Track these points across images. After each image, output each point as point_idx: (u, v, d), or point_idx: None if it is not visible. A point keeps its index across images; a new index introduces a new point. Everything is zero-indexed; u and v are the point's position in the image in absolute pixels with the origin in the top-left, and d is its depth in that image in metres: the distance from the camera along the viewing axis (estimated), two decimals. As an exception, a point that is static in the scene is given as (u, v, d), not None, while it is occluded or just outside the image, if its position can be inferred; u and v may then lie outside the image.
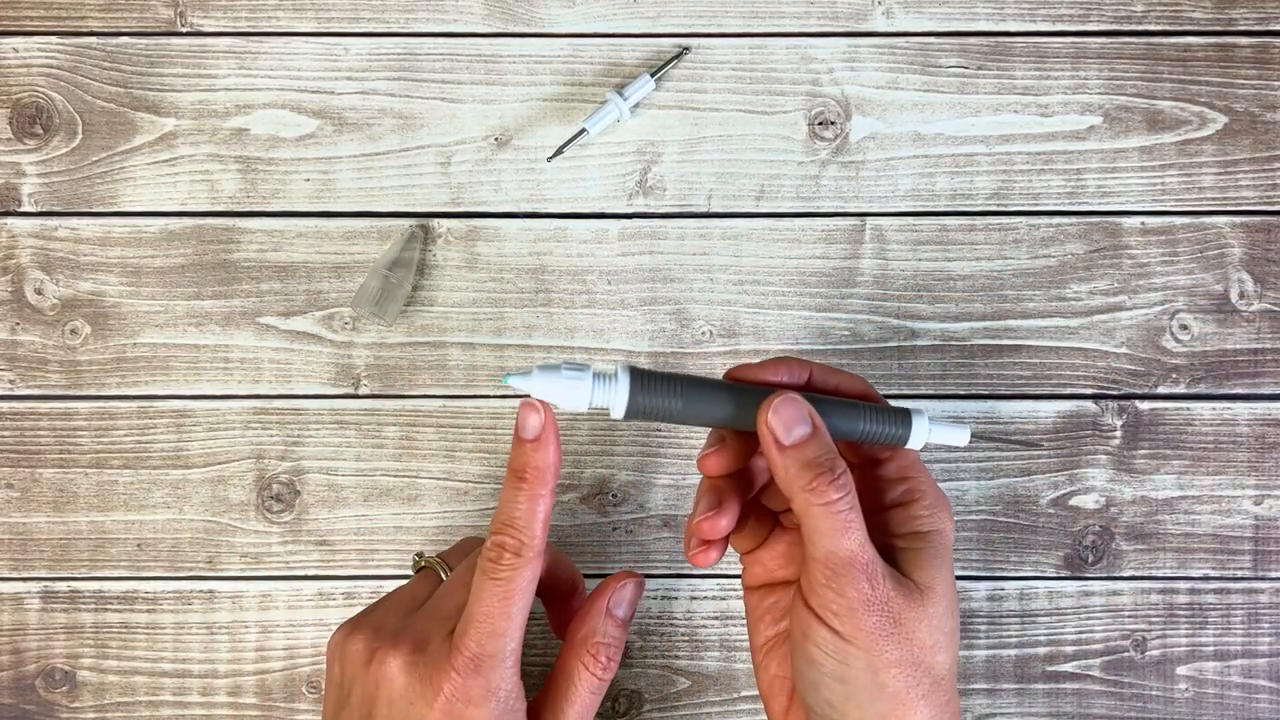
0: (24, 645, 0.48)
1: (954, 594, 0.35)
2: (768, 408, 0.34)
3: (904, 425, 0.36)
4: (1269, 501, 0.48)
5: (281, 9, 0.48)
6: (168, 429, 0.48)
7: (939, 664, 0.34)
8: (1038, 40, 0.48)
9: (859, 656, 0.33)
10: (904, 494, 0.36)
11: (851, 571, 0.33)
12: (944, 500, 0.37)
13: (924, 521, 0.36)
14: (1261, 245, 0.48)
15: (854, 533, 0.33)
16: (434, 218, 0.48)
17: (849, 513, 0.33)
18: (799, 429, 0.34)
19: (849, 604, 0.33)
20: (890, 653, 0.33)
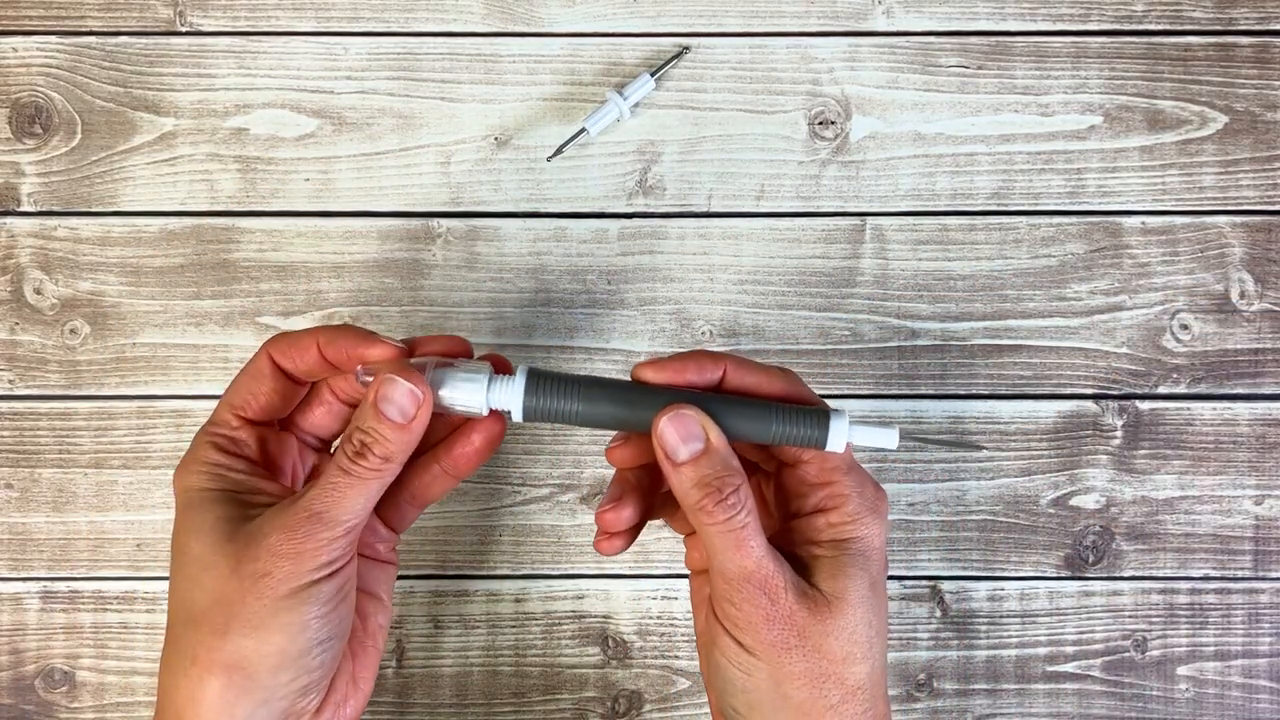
0: (23, 645, 0.48)
1: (873, 602, 0.34)
2: (659, 422, 0.33)
3: (821, 427, 0.34)
4: (1269, 501, 0.48)
5: (281, 8, 0.48)
6: (167, 429, 0.48)
7: (853, 675, 0.34)
8: (1038, 40, 0.48)
9: (761, 668, 0.33)
10: (824, 500, 0.35)
11: (748, 587, 0.33)
12: (873, 505, 0.35)
13: (841, 529, 0.35)
14: (1262, 245, 0.48)
15: (749, 549, 0.33)
16: (434, 217, 0.48)
17: (740, 531, 0.33)
18: (690, 445, 0.33)
19: (749, 618, 0.33)
20: (794, 665, 0.33)
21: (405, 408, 0.34)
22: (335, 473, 0.34)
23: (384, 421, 0.34)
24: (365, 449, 0.34)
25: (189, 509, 0.35)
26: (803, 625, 0.33)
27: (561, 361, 0.48)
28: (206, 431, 0.37)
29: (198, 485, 0.35)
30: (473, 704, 0.48)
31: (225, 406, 0.37)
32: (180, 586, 0.35)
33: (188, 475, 0.36)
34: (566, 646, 0.48)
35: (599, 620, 0.48)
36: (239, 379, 0.37)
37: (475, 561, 0.48)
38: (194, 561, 0.34)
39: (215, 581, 0.34)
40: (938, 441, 0.42)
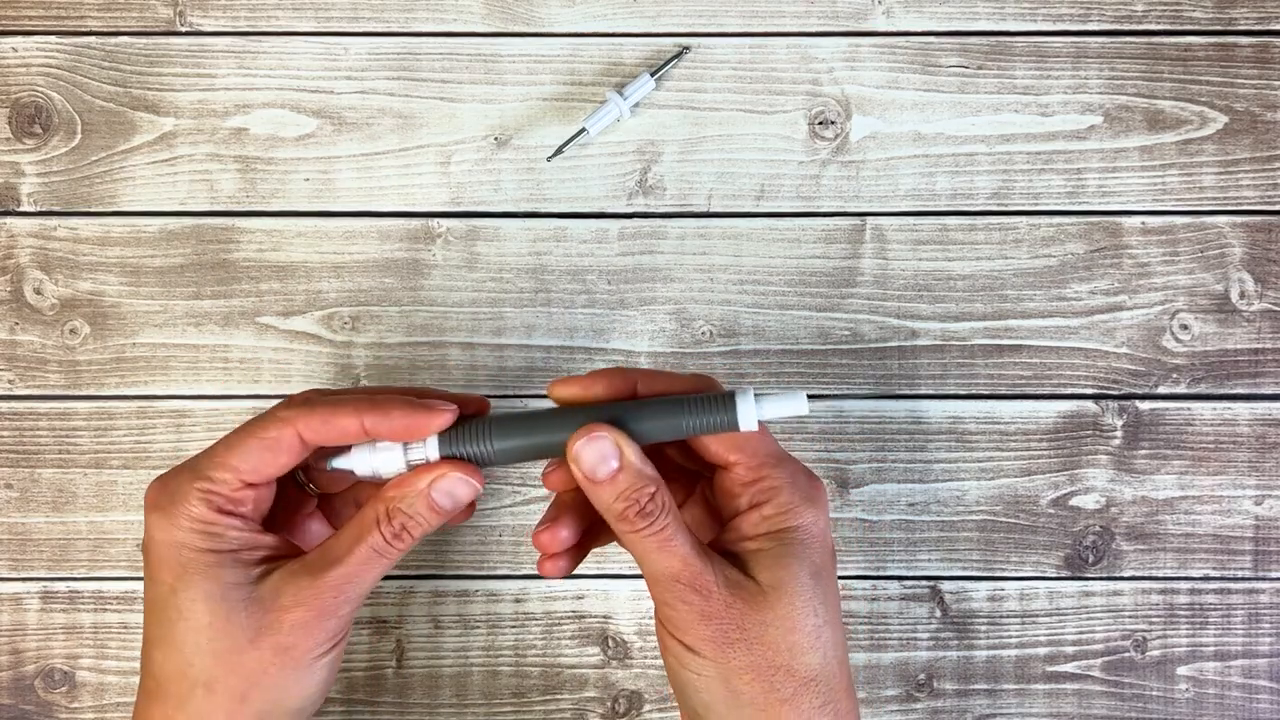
0: (23, 645, 0.48)
1: (816, 590, 0.34)
2: (573, 446, 0.33)
3: (728, 409, 0.34)
4: (1269, 501, 0.48)
5: (281, 8, 0.48)
6: (167, 429, 0.48)
7: (802, 665, 0.33)
8: (1038, 40, 0.48)
9: (708, 666, 0.33)
10: (756, 494, 0.35)
11: (678, 587, 0.33)
12: (806, 494, 0.35)
13: (775, 520, 0.35)
14: (1262, 245, 0.48)
15: (672, 549, 0.33)
16: (434, 217, 0.48)
17: (661, 533, 0.33)
18: (606, 465, 0.33)
19: (685, 618, 0.33)
20: (738, 659, 0.33)
21: (460, 500, 0.35)
22: (367, 552, 0.34)
23: (435, 510, 0.35)
24: (405, 532, 0.35)
25: (187, 572, 0.34)
26: (740, 618, 0.33)
27: (561, 361, 0.48)
28: (200, 487, 0.34)
29: (194, 545, 0.34)
30: (473, 704, 0.48)
31: (227, 467, 0.35)
32: (183, 652, 0.34)
33: (177, 530, 0.34)
34: (566, 646, 0.48)
35: (599, 620, 0.48)
36: (249, 444, 0.35)
37: (475, 561, 0.48)
38: (202, 630, 0.33)
39: (232, 653, 0.33)
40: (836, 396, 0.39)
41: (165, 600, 0.34)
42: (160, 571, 0.34)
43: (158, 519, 0.34)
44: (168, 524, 0.34)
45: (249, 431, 0.35)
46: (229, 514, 0.35)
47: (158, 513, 0.34)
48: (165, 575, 0.34)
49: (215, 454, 0.35)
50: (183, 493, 0.34)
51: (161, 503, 0.35)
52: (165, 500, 0.34)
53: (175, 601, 0.34)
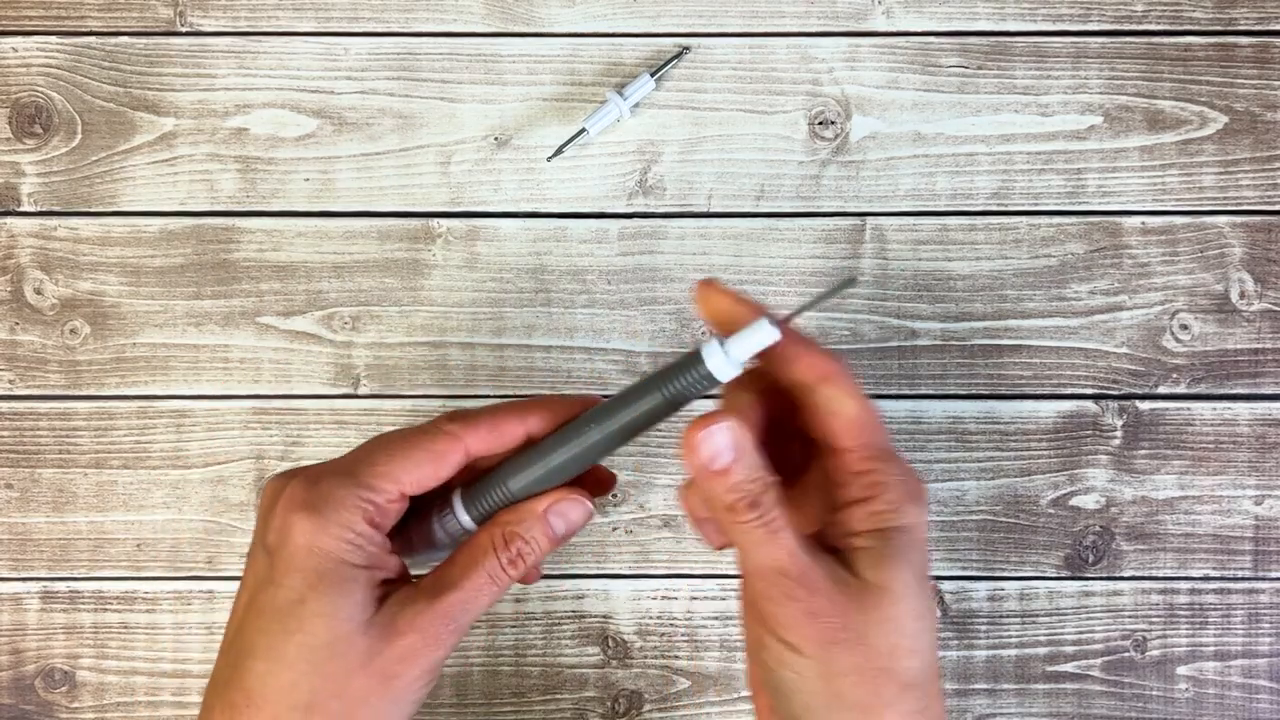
0: (23, 645, 0.48)
1: (919, 594, 0.33)
2: (691, 437, 0.33)
3: (698, 364, 0.33)
4: (1269, 501, 0.48)
5: (281, 9, 0.48)
6: (167, 429, 0.48)
7: (906, 668, 0.32)
8: (1038, 40, 0.48)
9: (810, 666, 0.32)
10: (865, 488, 0.34)
11: (783, 583, 0.32)
12: (912, 493, 0.34)
13: (883, 518, 0.33)
14: (1262, 245, 0.48)
15: (779, 543, 0.32)
16: (434, 217, 0.48)
17: (766, 527, 0.32)
18: (721, 459, 0.32)
19: (788, 615, 0.32)
20: (842, 660, 0.32)
21: (575, 524, 0.35)
22: (483, 578, 0.34)
23: (550, 536, 0.35)
24: (520, 557, 0.34)
25: (323, 583, 0.32)
26: (845, 616, 0.32)
27: (561, 361, 0.48)
28: (362, 495, 0.33)
29: (339, 556, 0.32)
30: (473, 704, 0.48)
31: (390, 478, 0.33)
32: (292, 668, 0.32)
33: (327, 537, 0.32)
34: (566, 646, 0.48)
35: (599, 620, 0.48)
36: (416, 455, 0.34)
37: (475, 561, 0.48)
38: (320, 648, 0.32)
39: (341, 674, 0.32)
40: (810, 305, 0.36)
41: (287, 609, 0.32)
42: (289, 576, 0.32)
43: (304, 520, 0.32)
44: (316, 528, 0.32)
45: (414, 442, 0.34)
46: (376, 527, 0.33)
47: (306, 513, 0.32)
48: (294, 581, 0.32)
49: (375, 461, 0.34)
50: (339, 498, 0.33)
51: (314, 503, 0.33)
52: (318, 501, 0.33)
53: (299, 613, 0.32)
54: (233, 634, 0.34)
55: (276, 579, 0.33)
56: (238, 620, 0.34)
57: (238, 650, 0.33)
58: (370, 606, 0.33)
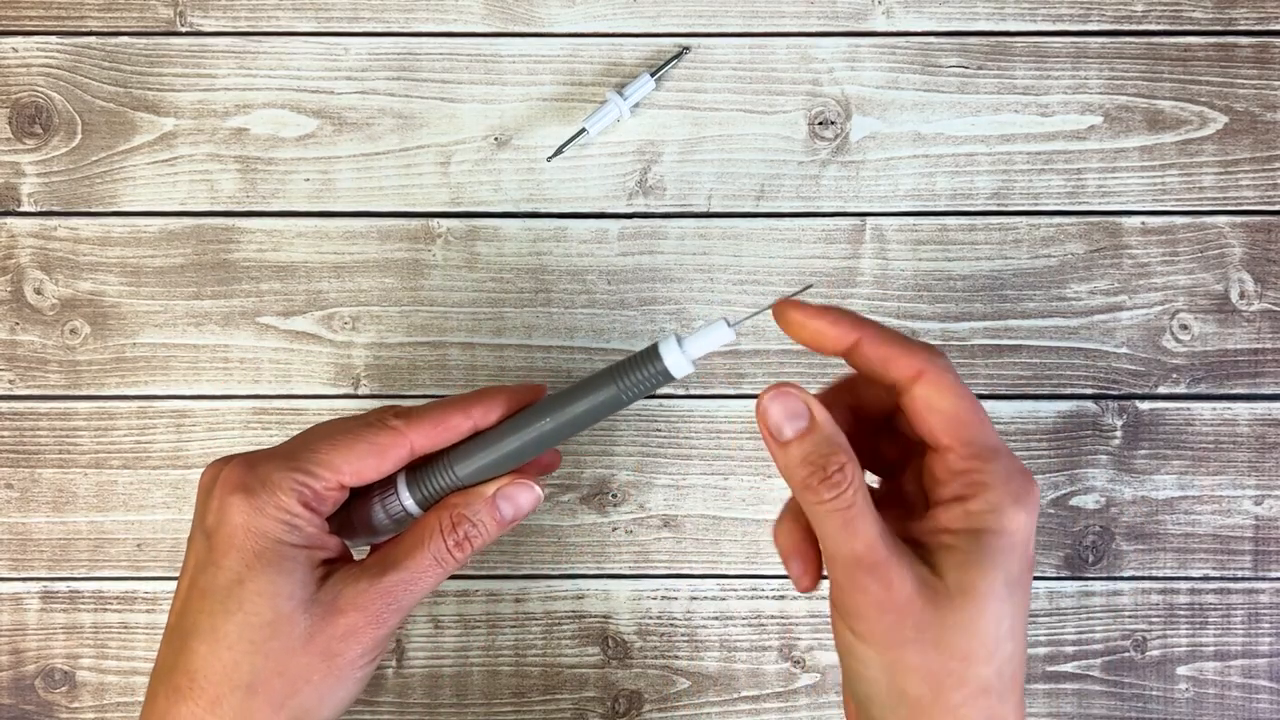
0: (23, 645, 0.48)
1: (1007, 600, 0.31)
2: (763, 399, 0.32)
3: (654, 358, 0.33)
4: (1269, 501, 0.48)
5: (281, 9, 0.48)
6: (167, 429, 0.48)
7: (976, 676, 0.31)
8: (1038, 40, 0.48)
9: (875, 660, 0.31)
10: (963, 487, 0.32)
11: (858, 573, 0.31)
12: (1016, 494, 0.32)
13: (978, 519, 0.32)
14: (1262, 245, 0.48)
15: (856, 531, 0.31)
16: (434, 218, 0.48)
17: (847, 510, 0.31)
18: (794, 423, 0.31)
19: (860, 605, 0.31)
20: (910, 659, 0.31)
21: (523, 508, 0.35)
22: (428, 560, 0.34)
23: (498, 520, 0.35)
24: (467, 540, 0.35)
25: (260, 562, 0.32)
26: (920, 616, 0.31)
27: (561, 361, 0.48)
28: (297, 478, 0.33)
29: (275, 535, 0.33)
30: (472, 704, 0.48)
31: (329, 465, 0.34)
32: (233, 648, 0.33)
33: (262, 517, 0.33)
34: (566, 646, 0.48)
35: (599, 620, 0.48)
36: (359, 446, 0.34)
37: (475, 561, 0.48)
38: (261, 628, 0.32)
39: (283, 652, 0.32)
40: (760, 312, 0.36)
41: (227, 590, 0.33)
42: (227, 557, 0.33)
43: (241, 501, 0.33)
44: (252, 508, 0.33)
45: (357, 434, 0.34)
46: (313, 510, 0.34)
47: (242, 494, 0.33)
48: (232, 561, 0.33)
49: (316, 449, 0.34)
50: (275, 480, 0.33)
51: (251, 485, 0.33)
52: (255, 484, 0.33)
53: (239, 593, 0.33)
54: (175, 618, 0.34)
55: (216, 560, 0.33)
56: (179, 604, 0.34)
57: (180, 634, 0.33)
58: (311, 585, 0.33)
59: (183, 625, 0.33)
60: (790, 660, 0.48)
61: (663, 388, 0.35)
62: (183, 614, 0.34)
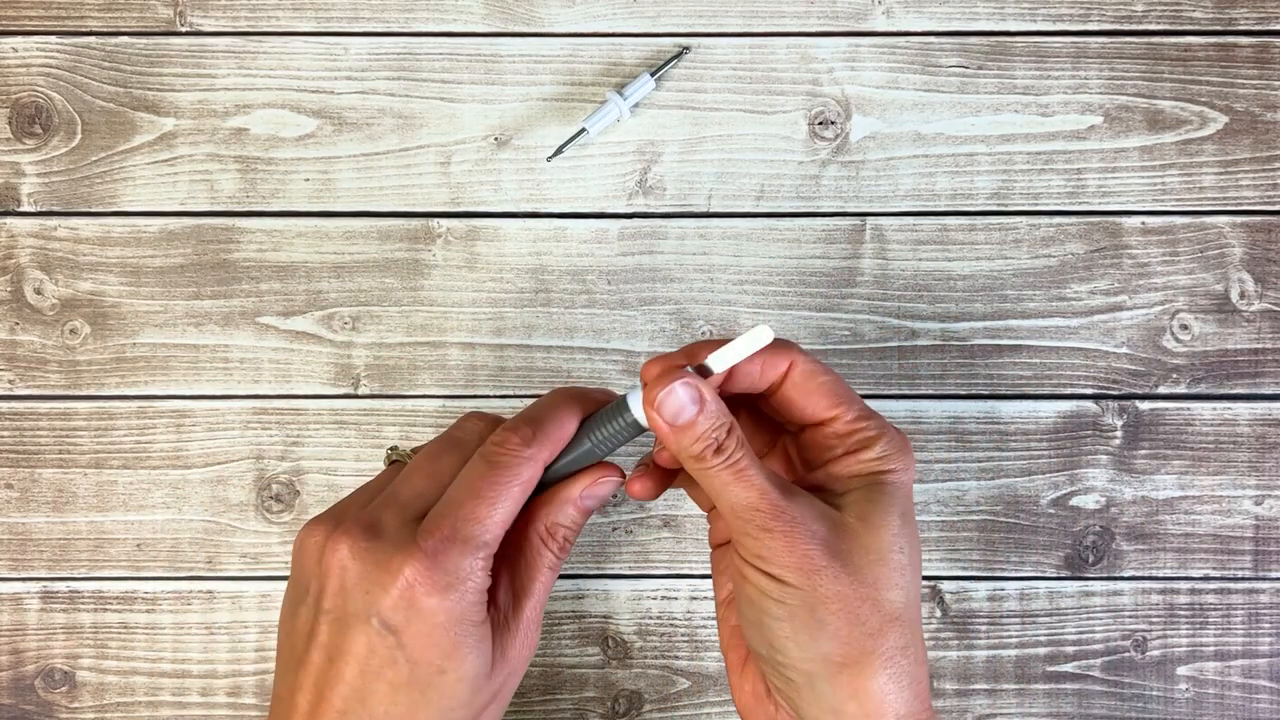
0: (23, 645, 0.48)
1: (904, 530, 0.34)
2: (654, 397, 0.34)
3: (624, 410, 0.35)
4: (1269, 501, 0.48)
5: (281, 9, 0.48)
6: (167, 429, 0.48)
7: (888, 600, 0.33)
8: (1038, 40, 0.48)
9: (793, 594, 0.33)
10: (854, 444, 0.35)
11: (760, 516, 0.33)
12: (901, 446, 0.35)
13: (870, 464, 0.35)
14: (1262, 245, 0.48)
15: (749, 482, 0.33)
16: (434, 218, 0.48)
17: (737, 464, 0.33)
18: (685, 413, 0.33)
19: (767, 547, 0.33)
20: (825, 587, 0.33)
21: (605, 498, 0.37)
22: (546, 573, 0.36)
23: (585, 512, 0.37)
24: (567, 542, 0.36)
25: (460, 650, 0.33)
26: (828, 544, 0.33)
27: (561, 361, 0.48)
28: (478, 557, 0.34)
29: (473, 618, 0.33)
30: (473, 704, 0.48)
31: (493, 526, 0.34)
32: None
33: (464, 606, 0.33)
34: (566, 646, 0.48)
35: (599, 620, 0.48)
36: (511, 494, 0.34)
37: (475, 561, 0.48)
38: (459, 707, 0.34)
39: (470, 712, 0.34)
40: None
41: (428, 680, 0.33)
42: (427, 653, 0.33)
43: (442, 601, 0.33)
44: (454, 604, 0.33)
45: (505, 481, 0.34)
46: (488, 573, 0.34)
47: (442, 595, 0.33)
48: (433, 656, 0.33)
49: (479, 517, 0.34)
50: (466, 569, 0.33)
51: (449, 584, 0.33)
52: (452, 580, 0.33)
53: (440, 682, 0.33)
54: (348, 704, 0.34)
55: (412, 657, 0.33)
56: (352, 691, 0.34)
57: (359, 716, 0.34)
58: (491, 652, 0.34)
59: (369, 714, 0.34)
60: (790, 660, 0.48)
61: None
62: (364, 702, 0.34)
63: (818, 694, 0.33)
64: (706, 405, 0.34)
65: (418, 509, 0.35)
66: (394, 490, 0.36)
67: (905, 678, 0.33)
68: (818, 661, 0.33)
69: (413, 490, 0.36)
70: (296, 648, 0.35)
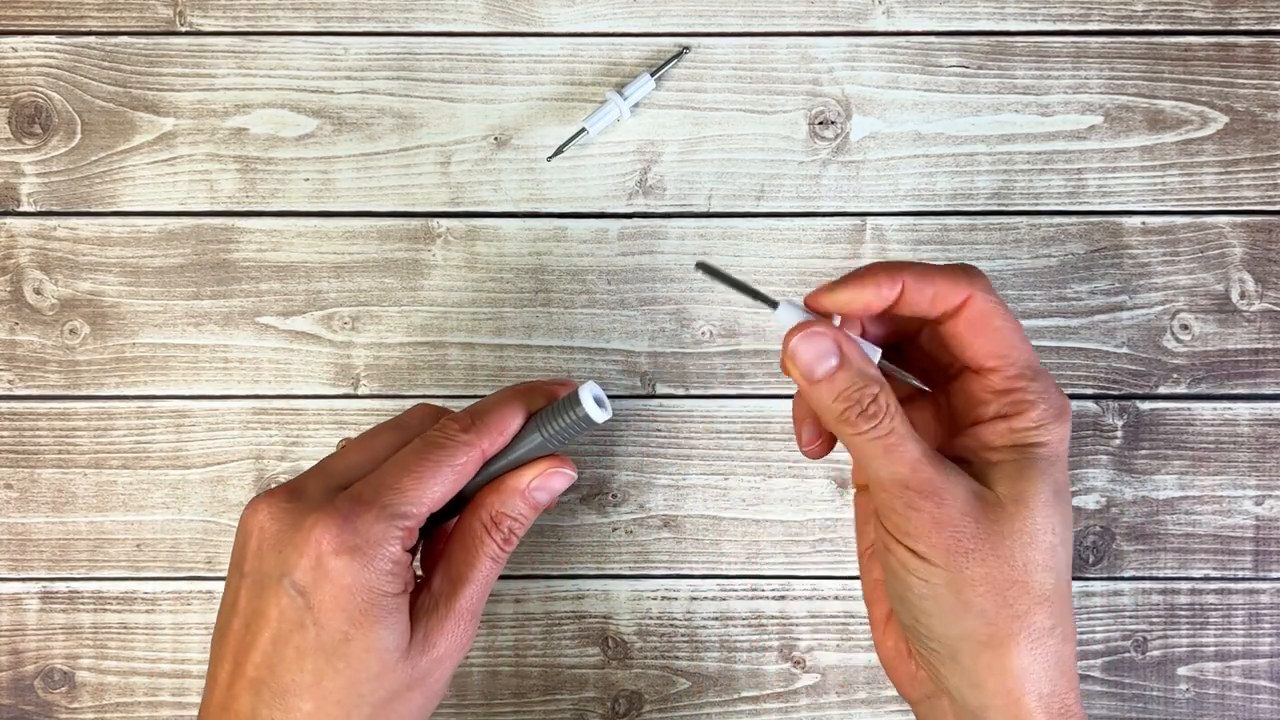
0: (23, 646, 0.48)
1: (1057, 508, 0.32)
2: (790, 342, 0.32)
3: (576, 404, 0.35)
4: (1270, 502, 0.48)
5: (281, 8, 0.48)
6: (167, 429, 0.48)
7: (1038, 582, 0.32)
8: (1038, 40, 0.48)
9: (938, 574, 0.32)
10: (1007, 406, 0.33)
11: (908, 494, 0.32)
12: (1057, 411, 0.33)
13: (1024, 435, 0.33)
14: (1262, 245, 0.48)
15: (900, 455, 0.32)
16: (433, 217, 0.48)
17: (888, 437, 0.32)
18: (825, 362, 0.32)
19: (916, 525, 0.32)
20: (972, 570, 0.31)
21: (556, 491, 0.36)
22: (487, 564, 0.35)
23: (535, 507, 0.36)
24: (512, 535, 0.35)
25: (370, 620, 0.32)
26: (977, 527, 0.32)
27: (561, 361, 0.48)
28: (400, 526, 0.33)
29: (384, 589, 0.33)
30: (472, 704, 0.48)
31: (420, 502, 0.34)
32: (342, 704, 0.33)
33: (372, 575, 0.32)
34: (566, 647, 0.48)
35: (599, 620, 0.48)
36: (441, 473, 0.34)
37: (475, 562, 0.48)
38: (369, 680, 0.33)
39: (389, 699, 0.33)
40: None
41: (332, 648, 0.32)
42: (331, 617, 0.32)
43: (348, 562, 0.32)
44: (360, 567, 0.32)
45: (435, 459, 0.34)
46: (409, 551, 0.34)
47: (350, 555, 0.32)
48: (338, 621, 0.32)
49: (402, 486, 0.34)
50: (378, 534, 0.33)
51: (357, 545, 0.32)
52: (360, 543, 0.32)
53: (345, 650, 0.32)
54: (262, 673, 0.33)
55: (319, 620, 0.32)
56: (264, 659, 0.33)
57: (275, 691, 0.33)
58: (407, 630, 0.33)
59: (277, 682, 0.33)
60: (790, 661, 0.48)
61: None
62: (274, 669, 0.33)
63: (960, 667, 0.32)
64: (848, 359, 0.32)
65: (345, 480, 0.35)
66: (325, 463, 0.36)
67: (1051, 657, 0.32)
68: (961, 639, 0.32)
69: (345, 463, 0.35)
70: (221, 617, 0.35)
